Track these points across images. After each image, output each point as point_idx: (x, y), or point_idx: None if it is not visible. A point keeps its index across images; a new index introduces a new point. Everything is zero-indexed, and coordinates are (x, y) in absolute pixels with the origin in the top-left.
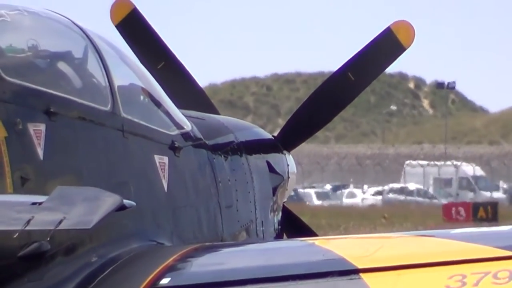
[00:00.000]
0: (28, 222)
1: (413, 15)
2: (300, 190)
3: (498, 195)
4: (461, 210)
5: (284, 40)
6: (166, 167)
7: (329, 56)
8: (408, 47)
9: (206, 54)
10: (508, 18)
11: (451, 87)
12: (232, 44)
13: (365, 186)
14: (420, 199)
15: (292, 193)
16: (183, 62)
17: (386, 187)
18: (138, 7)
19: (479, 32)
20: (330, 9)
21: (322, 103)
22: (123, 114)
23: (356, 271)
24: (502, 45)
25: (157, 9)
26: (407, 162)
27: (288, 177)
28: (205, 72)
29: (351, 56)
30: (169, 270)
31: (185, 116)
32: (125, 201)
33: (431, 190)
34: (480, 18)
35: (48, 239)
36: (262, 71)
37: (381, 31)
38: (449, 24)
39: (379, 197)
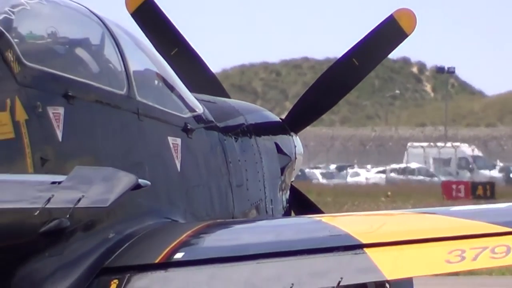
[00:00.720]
0: (49, 200)
1: (417, 2)
2: (307, 170)
3: (494, 173)
4: (461, 188)
5: (292, 27)
6: (179, 148)
7: (335, 42)
8: (410, 34)
9: (217, 40)
10: (504, 6)
11: (451, 71)
12: (242, 30)
13: (369, 166)
14: (421, 177)
15: (299, 173)
16: (195, 48)
17: (389, 167)
18: None
19: (478, 19)
20: None
21: (328, 87)
22: (138, 98)
23: (360, 246)
24: (500, 31)
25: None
26: (409, 143)
27: (296, 158)
28: (216, 58)
29: (355, 43)
30: (183, 245)
31: (197, 99)
32: (140, 181)
33: (432, 170)
34: (480, 5)
35: (68, 216)
36: (271, 57)
37: (384, 19)
38: (451, 11)
39: (382, 176)
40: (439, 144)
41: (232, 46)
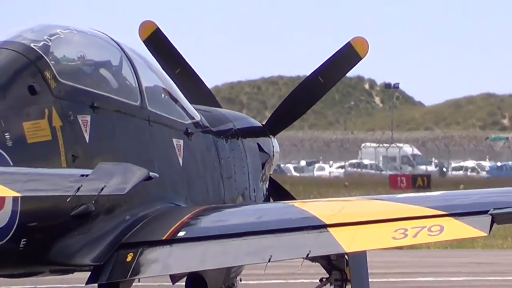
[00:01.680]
0: (78, 189)
1: (368, 28)
2: (282, 165)
3: (430, 168)
4: (403, 180)
5: (270, 49)
6: (182, 147)
7: (304, 63)
8: (363, 57)
9: (210, 61)
10: (440, 32)
11: (396, 86)
12: (230, 53)
13: (331, 162)
14: (372, 171)
15: (276, 168)
16: (194, 68)
17: (347, 163)
18: (160, 27)
19: (418, 44)
20: (306, 22)
21: (299, 100)
22: (149, 108)
23: (324, 226)
24: (435, 54)
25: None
26: (363, 144)
27: (273, 155)
28: (209, 76)
29: (320, 64)
30: (184, 225)
31: (196, 109)
32: (151, 173)
33: (381, 165)
34: (420, 30)
35: (93, 202)
36: (253, 75)
37: (343, 45)
38: (397, 35)
39: (342, 170)
40: (386, 144)
41: (222, 66)
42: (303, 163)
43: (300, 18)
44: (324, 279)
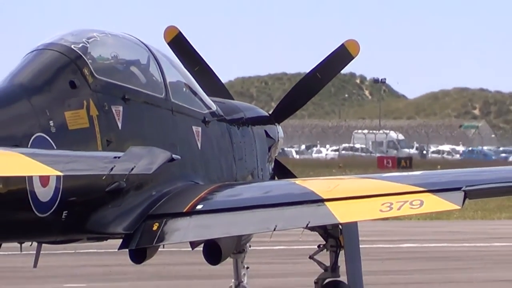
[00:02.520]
0: (111, 169)
1: (358, 30)
2: (285, 149)
3: (412, 151)
4: (389, 162)
5: (275, 49)
6: (200, 134)
7: (305, 61)
8: (355, 56)
9: (225, 59)
10: (423, 31)
11: (383, 81)
12: (242, 52)
13: (327, 146)
14: (363, 154)
15: (280, 151)
16: (210, 66)
17: (341, 147)
18: (182, 31)
19: (403, 42)
20: (307, 26)
21: (300, 93)
22: (172, 100)
23: (321, 200)
24: (418, 50)
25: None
26: (355, 131)
27: (278, 140)
28: (223, 72)
29: (318, 62)
30: (202, 200)
31: (212, 100)
32: (173, 156)
33: (370, 149)
34: (406, 30)
35: (124, 180)
36: (261, 71)
37: (338, 46)
38: (385, 35)
39: (336, 153)
40: (375, 131)
41: (235, 64)
42: (303, 147)
43: (301, 23)
44: (321, 246)
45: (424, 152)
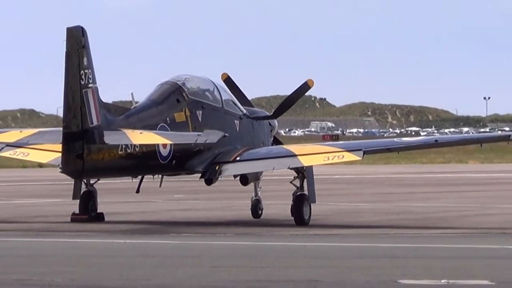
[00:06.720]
0: (196, 140)
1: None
2: (278, 131)
3: (338, 132)
4: (328, 137)
5: (275, 78)
6: (238, 124)
7: (290, 85)
8: (311, 87)
9: (246, 86)
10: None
11: (324, 98)
12: (258, 78)
13: (299, 129)
14: (315, 133)
15: (276, 132)
16: (242, 90)
17: (305, 130)
18: (230, 76)
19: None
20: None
21: (286, 104)
22: (225, 107)
23: (295, 155)
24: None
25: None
26: (312, 122)
27: (275, 127)
28: (247, 93)
29: (294, 90)
30: (240, 155)
31: (244, 108)
32: (225, 134)
33: (318, 131)
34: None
35: (202, 146)
36: (266, 93)
37: (303, 83)
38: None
39: (302, 133)
40: (321, 122)
41: (250, 90)
42: (287, 129)
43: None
44: (295, 177)
45: (344, 133)
